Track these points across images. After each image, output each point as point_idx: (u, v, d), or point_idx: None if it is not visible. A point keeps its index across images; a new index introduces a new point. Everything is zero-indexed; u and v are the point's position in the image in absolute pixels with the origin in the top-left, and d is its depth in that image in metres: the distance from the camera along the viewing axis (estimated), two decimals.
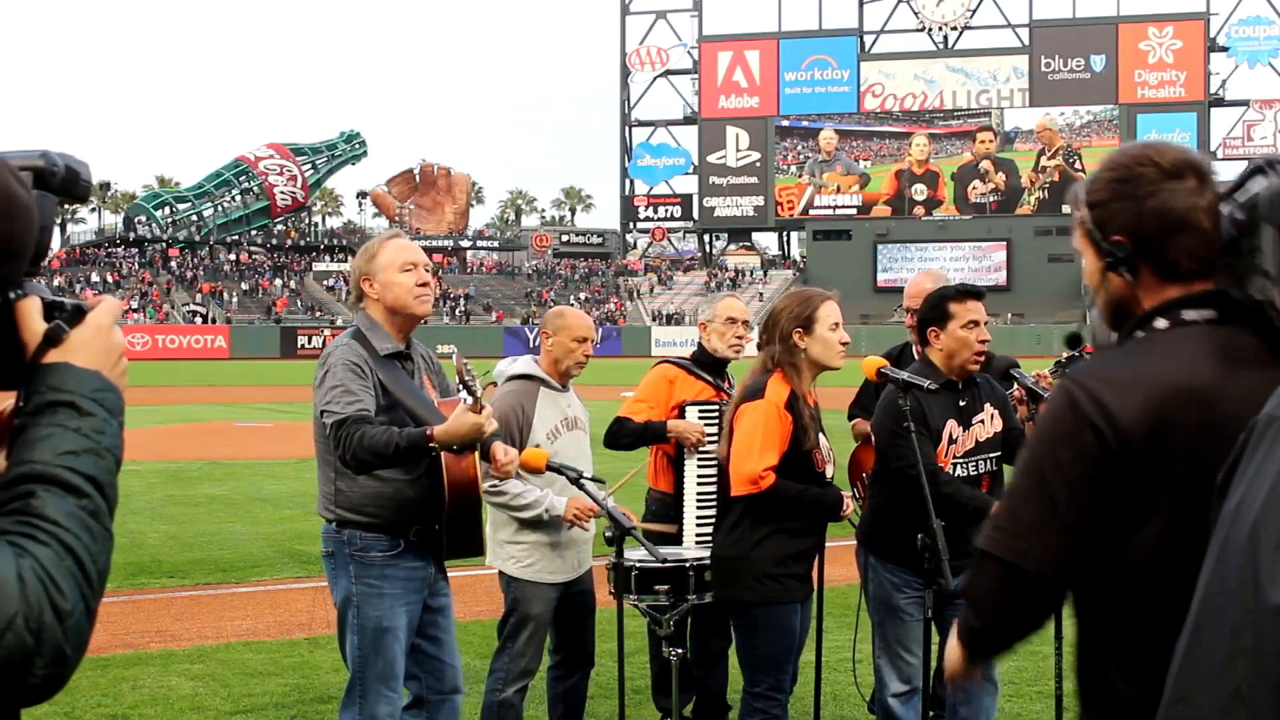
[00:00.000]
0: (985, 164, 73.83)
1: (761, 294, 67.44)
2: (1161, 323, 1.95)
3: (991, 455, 4.34)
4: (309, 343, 57.27)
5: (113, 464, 1.33)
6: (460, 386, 3.64)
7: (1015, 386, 4.44)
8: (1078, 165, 73.20)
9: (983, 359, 4.32)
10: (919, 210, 74.13)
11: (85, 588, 1.24)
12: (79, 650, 1.23)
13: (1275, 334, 1.87)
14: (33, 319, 1.36)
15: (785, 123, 76.02)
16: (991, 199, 73.50)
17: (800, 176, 76.22)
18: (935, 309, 4.33)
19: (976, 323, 4.27)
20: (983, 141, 74.00)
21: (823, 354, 4.20)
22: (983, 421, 4.34)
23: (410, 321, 4.03)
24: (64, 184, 1.40)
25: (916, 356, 5.28)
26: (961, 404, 4.32)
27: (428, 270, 4.07)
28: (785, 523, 4.14)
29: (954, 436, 4.27)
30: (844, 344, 4.26)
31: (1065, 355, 4.71)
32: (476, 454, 3.90)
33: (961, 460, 4.28)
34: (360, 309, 4.05)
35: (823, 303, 4.25)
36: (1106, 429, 1.85)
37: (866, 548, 4.45)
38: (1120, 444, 1.85)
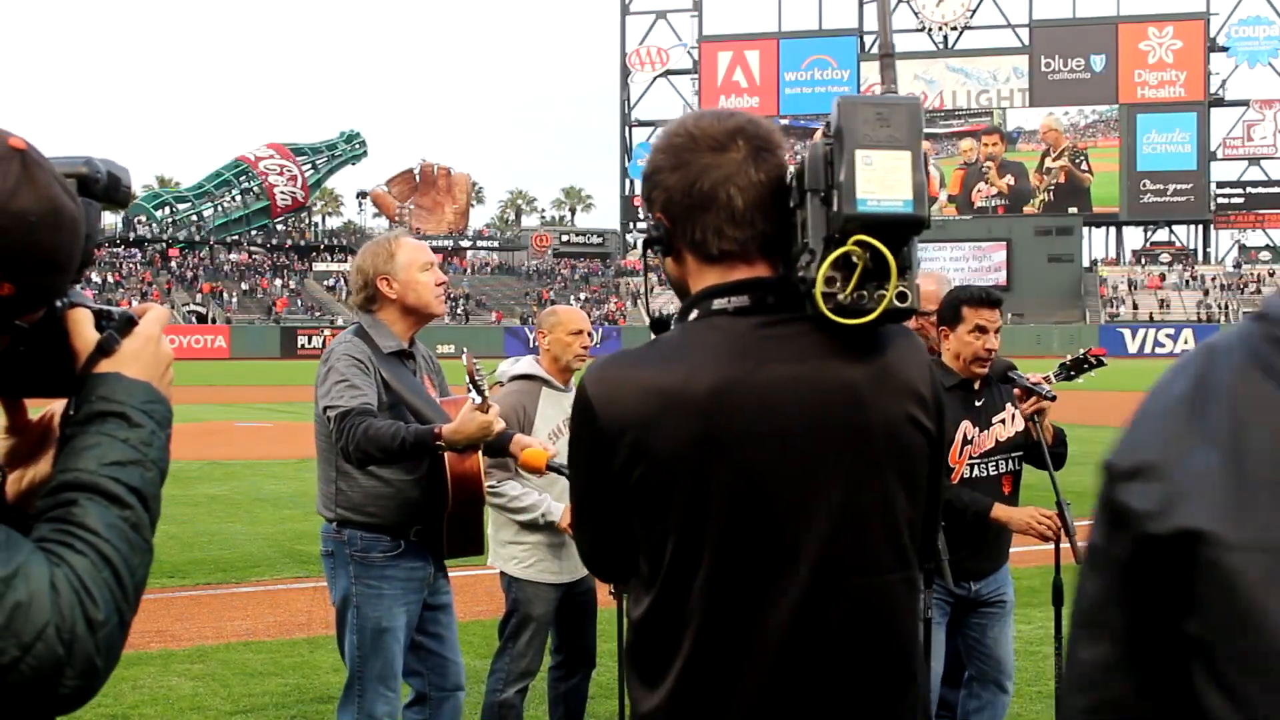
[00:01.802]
0: (988, 164, 73.81)
1: None
2: (694, 314, 1.76)
3: (1013, 455, 4.30)
4: (309, 343, 57.28)
5: (158, 477, 1.33)
6: (470, 386, 3.62)
7: (1015, 387, 4.43)
8: (1084, 166, 73.23)
9: (987, 366, 4.28)
10: None
11: (120, 599, 1.24)
12: (110, 662, 1.23)
13: (828, 319, 1.64)
14: (84, 328, 1.36)
15: (785, 122, 76.03)
16: (997, 203, 73.48)
17: None
18: (949, 309, 4.29)
19: (983, 329, 4.21)
20: (988, 144, 74.01)
21: None
22: (1003, 421, 4.29)
23: (425, 321, 4.03)
24: (106, 190, 1.40)
25: None
26: (979, 404, 4.28)
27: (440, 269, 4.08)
28: None
29: (969, 437, 4.24)
30: None
31: (1070, 358, 4.70)
32: (480, 452, 3.89)
33: (979, 460, 4.24)
34: (371, 310, 3.99)
35: None
36: (600, 426, 1.70)
37: None
38: (611, 443, 1.69)
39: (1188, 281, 71.11)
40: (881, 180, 1.60)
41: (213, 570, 8.74)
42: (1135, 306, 68.32)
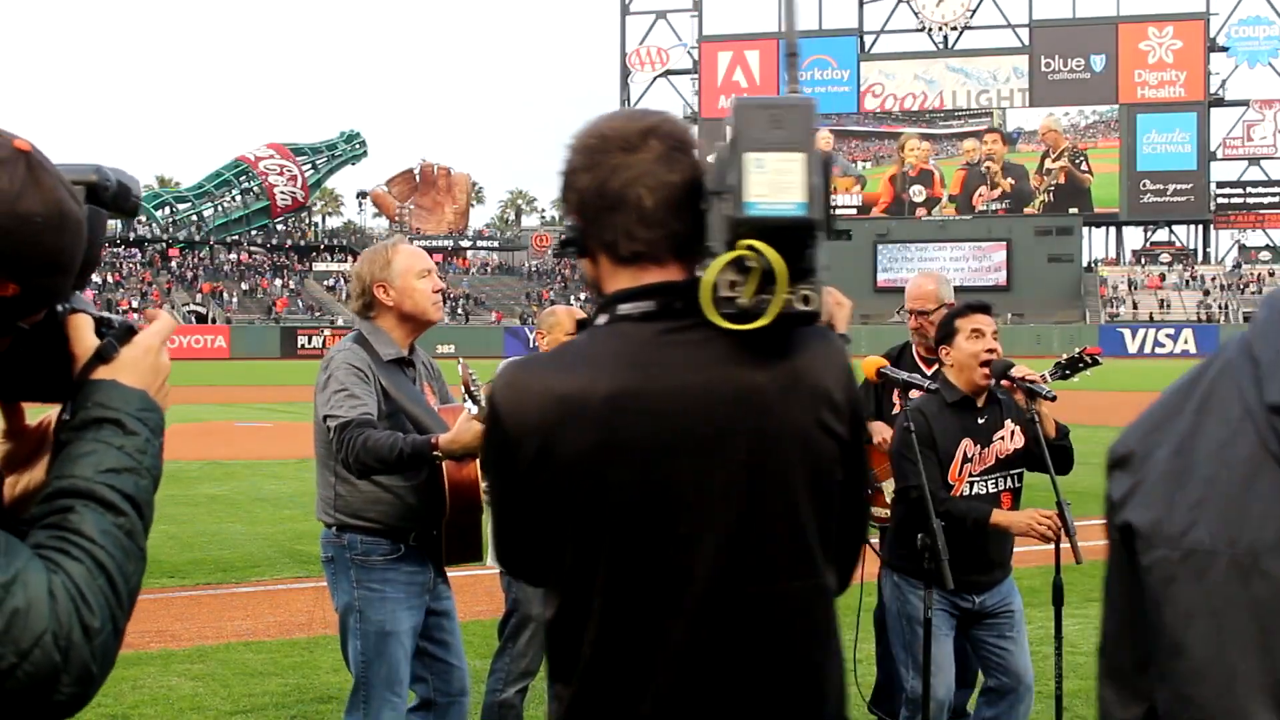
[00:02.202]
0: (990, 165, 73.80)
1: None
2: (602, 319, 1.75)
3: (1013, 472, 4.32)
4: (309, 343, 57.32)
5: (151, 485, 1.35)
6: (465, 395, 3.61)
7: (1012, 385, 4.43)
8: (1084, 167, 73.20)
9: (989, 369, 4.29)
10: (920, 211, 74.14)
11: (115, 607, 1.25)
12: (105, 669, 1.24)
13: (720, 324, 1.63)
14: (84, 334, 1.37)
15: None
16: (998, 206, 73.49)
17: None
18: (943, 328, 4.37)
19: (980, 333, 4.26)
20: (989, 143, 74.00)
21: None
22: (1003, 438, 4.31)
23: (422, 328, 4.02)
24: (115, 199, 1.41)
25: (916, 358, 5.28)
26: (980, 421, 4.29)
27: (439, 276, 4.07)
28: None
29: (969, 455, 4.25)
30: None
31: (1066, 357, 4.71)
32: (478, 461, 3.89)
33: (978, 478, 4.26)
34: (369, 316, 3.99)
35: None
36: (506, 432, 1.70)
37: (890, 567, 4.41)
38: (516, 449, 1.69)
39: (1188, 281, 71.11)
40: (772, 183, 1.58)
41: (213, 570, 8.74)
42: (1135, 306, 68.32)
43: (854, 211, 74.87)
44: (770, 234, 1.59)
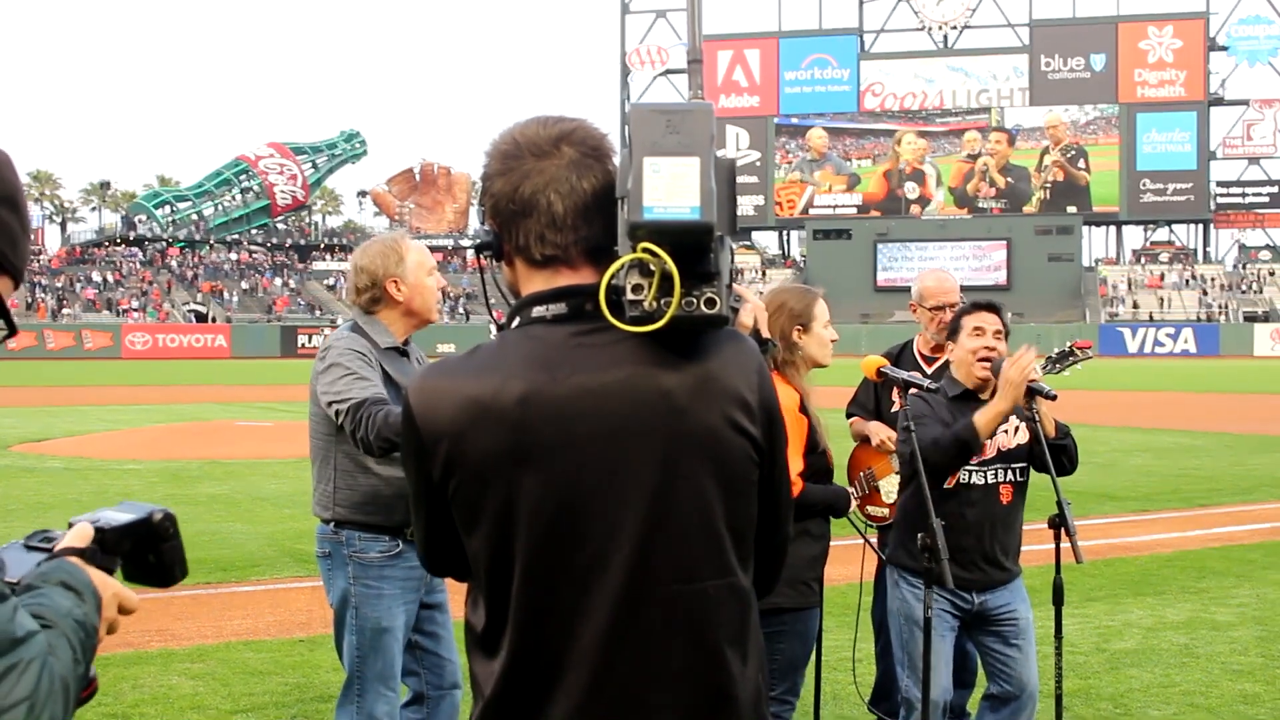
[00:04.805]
0: (986, 161, 73.79)
1: (760, 294, 67.52)
2: (516, 321, 1.78)
3: (1015, 465, 4.30)
4: (309, 342, 57.30)
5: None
6: None
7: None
8: (1081, 164, 73.17)
9: (989, 365, 4.28)
10: (914, 209, 74.08)
11: None
12: None
13: (621, 327, 1.66)
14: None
15: (777, 120, 75.99)
16: (994, 205, 73.48)
17: (792, 174, 76.32)
18: (953, 323, 4.43)
19: (981, 330, 4.28)
20: (996, 142, 73.97)
21: (818, 352, 4.20)
22: (1005, 432, 4.30)
23: (423, 325, 4.03)
24: None
25: (918, 356, 5.28)
26: None
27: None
28: (809, 526, 4.07)
29: None
30: (833, 341, 4.27)
31: (1056, 350, 4.70)
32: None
33: (976, 468, 4.24)
34: (371, 311, 3.97)
35: (817, 300, 4.26)
36: (419, 436, 1.73)
37: (891, 565, 4.39)
38: (429, 452, 1.72)
39: (1188, 281, 71.08)
40: (668, 188, 1.60)
41: (213, 570, 8.72)
42: (1135, 306, 68.29)
43: (853, 211, 74.89)
44: (666, 237, 1.61)
